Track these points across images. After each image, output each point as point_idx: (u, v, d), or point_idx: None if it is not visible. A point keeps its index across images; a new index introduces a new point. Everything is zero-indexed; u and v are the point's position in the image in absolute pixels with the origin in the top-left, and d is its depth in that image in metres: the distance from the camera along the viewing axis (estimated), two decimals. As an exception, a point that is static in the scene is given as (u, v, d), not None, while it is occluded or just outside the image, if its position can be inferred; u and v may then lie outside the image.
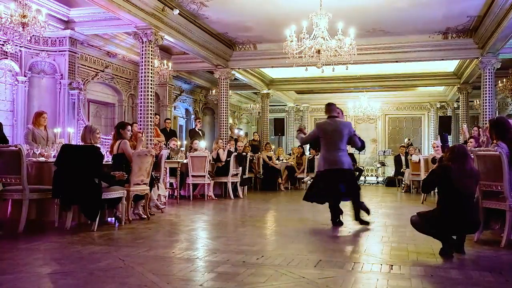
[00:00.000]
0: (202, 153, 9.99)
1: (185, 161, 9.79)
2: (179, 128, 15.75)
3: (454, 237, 4.56)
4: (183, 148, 10.15)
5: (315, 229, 6.17)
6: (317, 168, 6.27)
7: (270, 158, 12.99)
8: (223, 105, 12.93)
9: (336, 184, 6.03)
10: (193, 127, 13.54)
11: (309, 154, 14.42)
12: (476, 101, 16.84)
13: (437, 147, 9.48)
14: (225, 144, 11.84)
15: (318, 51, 8.31)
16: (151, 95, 9.13)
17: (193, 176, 9.74)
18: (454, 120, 17.99)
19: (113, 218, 6.42)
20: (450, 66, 14.66)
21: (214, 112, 17.67)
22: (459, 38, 11.44)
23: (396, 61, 12.46)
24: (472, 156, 5.05)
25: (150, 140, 9.06)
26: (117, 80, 12.18)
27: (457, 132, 17.38)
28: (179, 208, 8.26)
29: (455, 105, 18.43)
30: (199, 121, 12.94)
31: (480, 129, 9.54)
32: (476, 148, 6.07)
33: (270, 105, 17.93)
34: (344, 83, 16.63)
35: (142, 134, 7.98)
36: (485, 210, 5.15)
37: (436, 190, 4.88)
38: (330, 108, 6.28)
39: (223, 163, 10.27)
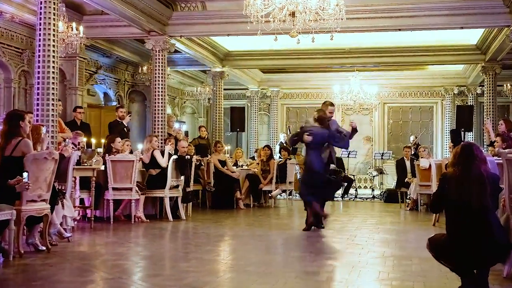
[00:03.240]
0: (127, 156, 9.87)
1: (103, 167, 9.63)
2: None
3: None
4: (100, 149, 9.99)
5: (288, 262, 6.21)
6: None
7: (224, 163, 12.98)
8: (159, 88, 12.81)
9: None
10: (115, 118, 13.33)
11: (279, 157, 14.50)
12: (507, 85, 17.36)
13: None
14: (162, 143, 11.74)
15: (293, 14, 8.34)
16: (54, 72, 8.97)
17: (114, 189, 9.61)
18: (477, 111, 18.45)
19: (-3, 251, 6.26)
20: (472, 37, 15.01)
21: (146, 98, 17.46)
22: (485, -1, 11.77)
23: (399, 29, 12.62)
24: (495, 159, 5.17)
25: (53, 137, 8.90)
26: (4, 50, 11.90)
27: (481, 128, 17.81)
28: (95, 235, 8.16)
29: (478, 91, 18.93)
30: (129, 115, 12.76)
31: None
32: (506, 150, 6.26)
33: (225, 89, 17.87)
34: (328, 59, 16.75)
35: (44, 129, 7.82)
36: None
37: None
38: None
39: (159, 170, 10.20)
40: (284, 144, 16.56)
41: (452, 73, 19.44)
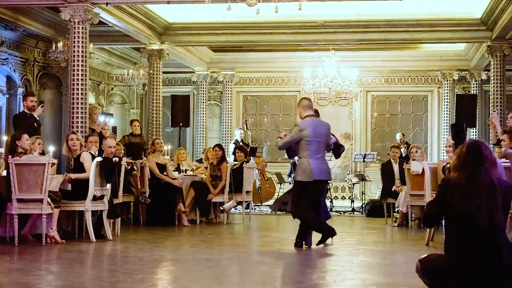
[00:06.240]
0: (37, 158, 9.75)
1: (5, 173, 9.53)
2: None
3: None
4: (1, 150, 9.87)
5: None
6: (302, 178, 9.15)
7: (163, 167, 12.94)
8: (78, 70, 12.72)
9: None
10: (21, 110, 13.21)
11: (234, 160, 14.50)
12: (518, 70, 17.74)
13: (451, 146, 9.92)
14: (85, 142, 11.68)
15: (250, -24, 8.39)
16: None
17: (20, 200, 9.49)
18: (481, 102, 18.76)
19: None
20: (476, 8, 15.26)
21: (61, 84, 17.32)
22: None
23: (386, -2, 12.84)
24: (502, 162, 5.26)
25: None
26: None
27: (486, 122, 18.10)
28: (-7, 261, 8.07)
29: (483, 76, 19.28)
30: (41, 106, 12.63)
31: None
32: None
33: (164, 72, 17.89)
34: (296, 35, 16.85)
35: None
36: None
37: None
38: (311, 104, 9.41)
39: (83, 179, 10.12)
40: (241, 143, 16.58)
41: (451, 54, 19.77)
